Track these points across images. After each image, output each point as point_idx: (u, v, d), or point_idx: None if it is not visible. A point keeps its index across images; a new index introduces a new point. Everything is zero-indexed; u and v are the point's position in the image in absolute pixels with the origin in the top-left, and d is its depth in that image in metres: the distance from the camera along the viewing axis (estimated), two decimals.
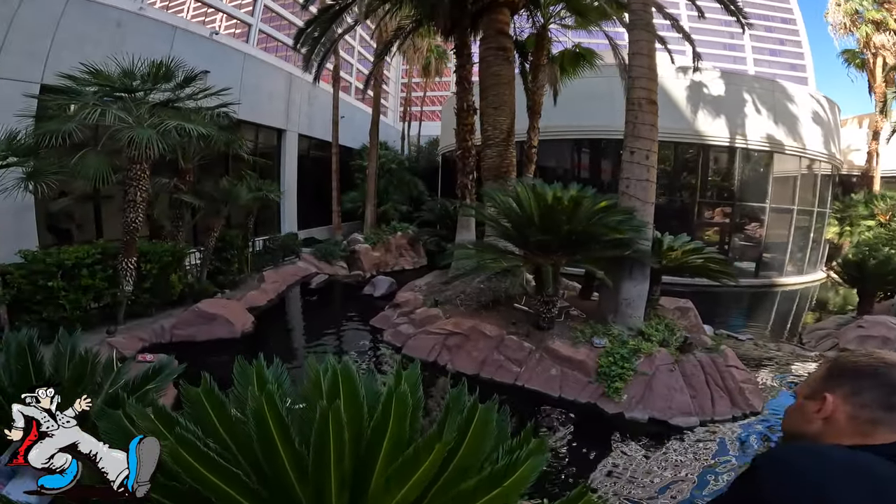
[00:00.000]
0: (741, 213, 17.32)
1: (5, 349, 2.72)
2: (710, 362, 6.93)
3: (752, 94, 16.89)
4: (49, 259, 7.35)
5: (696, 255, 8.12)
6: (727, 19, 12.75)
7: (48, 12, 9.43)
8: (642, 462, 5.41)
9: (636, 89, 7.73)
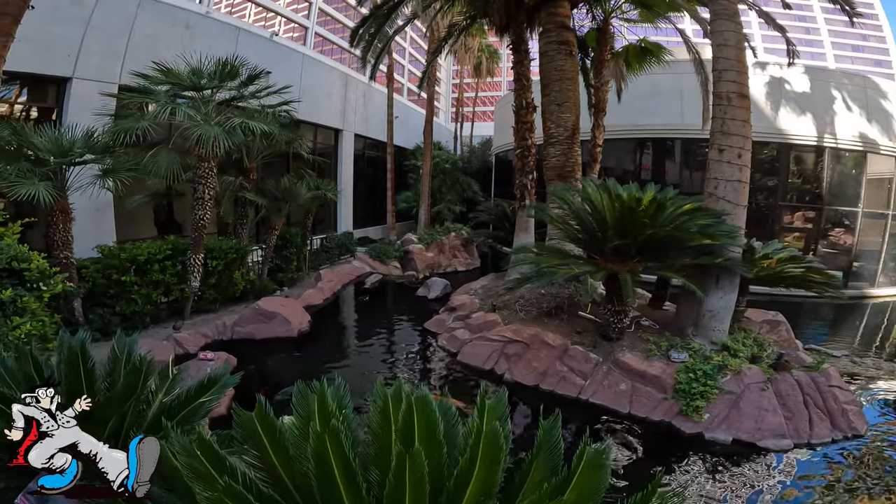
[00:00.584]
0: (829, 217, 15.74)
1: (58, 351, 2.63)
2: (810, 382, 6.21)
3: (842, 91, 15.41)
4: (123, 254, 7.62)
5: (793, 264, 7.27)
6: (803, 14, 11.68)
7: (122, 14, 9.83)
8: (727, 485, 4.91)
9: (724, 83, 7.05)
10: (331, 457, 1.83)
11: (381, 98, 20.06)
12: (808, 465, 5.41)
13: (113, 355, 2.81)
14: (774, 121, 15.03)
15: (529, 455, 2.33)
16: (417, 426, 2.14)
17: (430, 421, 2.16)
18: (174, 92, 7.96)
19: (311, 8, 33.15)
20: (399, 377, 2.58)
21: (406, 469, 1.74)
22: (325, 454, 1.84)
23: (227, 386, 2.89)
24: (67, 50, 8.92)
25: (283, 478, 2.07)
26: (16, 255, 3.88)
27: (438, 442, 2.09)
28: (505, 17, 11.39)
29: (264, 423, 2.16)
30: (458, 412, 2.62)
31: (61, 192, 6.95)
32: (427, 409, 2.20)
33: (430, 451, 2.00)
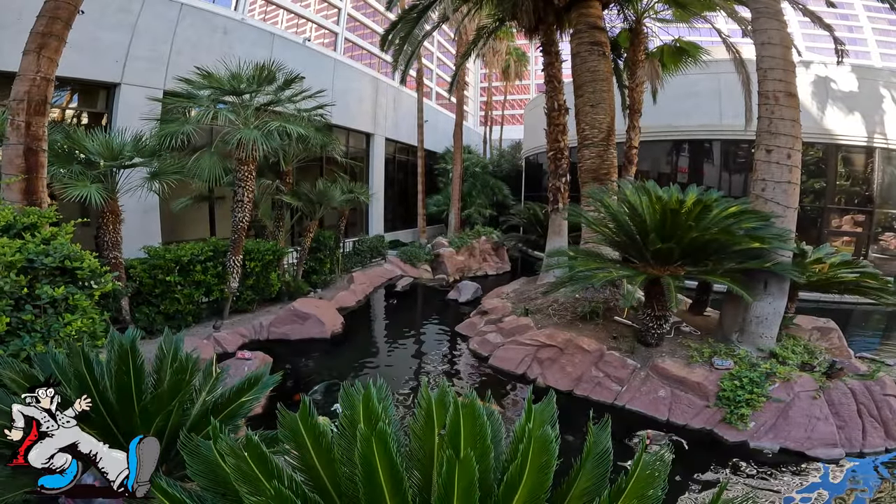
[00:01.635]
0: (880, 221, 14.92)
1: (109, 348, 2.69)
2: (865, 390, 5.90)
3: (891, 90, 14.66)
4: (168, 255, 7.88)
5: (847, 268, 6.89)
6: (845, 13, 11.04)
7: (165, 19, 10.19)
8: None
9: (769, 81, 6.78)
10: (377, 460, 1.81)
11: (410, 102, 20.21)
12: (859, 474, 5.20)
13: (160, 353, 2.88)
14: (821, 121, 14.40)
15: (578, 462, 2.26)
16: (464, 431, 2.10)
17: (478, 428, 2.11)
18: (215, 96, 8.21)
19: (340, 14, 33.82)
20: (443, 381, 2.54)
21: (455, 475, 1.70)
22: (371, 457, 1.82)
23: (268, 386, 2.91)
24: (116, 56, 9.28)
25: (325, 480, 2.06)
26: (69, 254, 4.03)
27: (486, 447, 2.04)
28: (534, 19, 11.28)
29: (308, 424, 2.16)
30: (500, 417, 2.57)
31: (112, 194, 7.24)
32: (475, 414, 2.16)
33: (477, 453, 1.97)
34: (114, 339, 2.68)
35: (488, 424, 2.16)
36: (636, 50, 12.15)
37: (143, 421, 2.41)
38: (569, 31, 11.12)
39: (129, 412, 2.49)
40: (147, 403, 2.54)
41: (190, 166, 7.72)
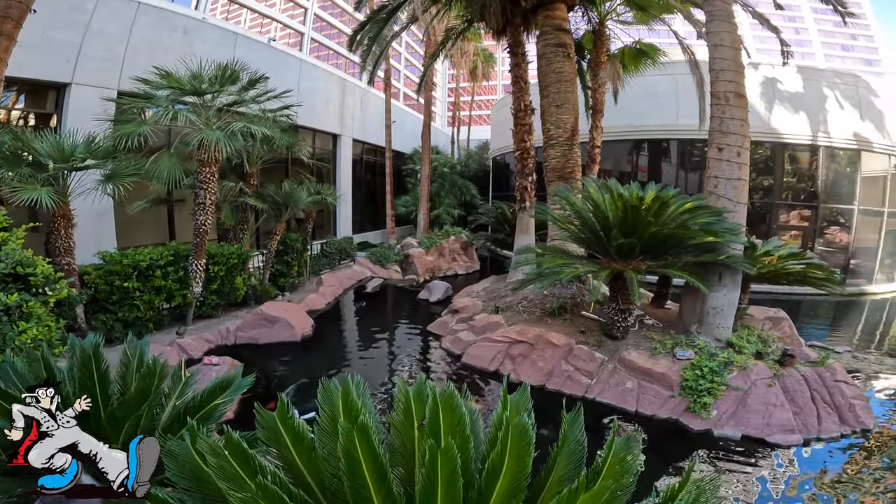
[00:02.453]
0: (825, 215, 15.87)
1: (70, 354, 2.62)
2: (816, 377, 6.26)
3: (834, 90, 15.57)
4: (125, 260, 7.58)
5: (794, 260, 7.32)
6: (792, 15, 11.74)
7: (121, 19, 9.82)
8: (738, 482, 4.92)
9: (721, 82, 7.13)
10: (360, 453, 1.83)
11: (378, 103, 20.11)
12: (817, 459, 5.43)
13: (125, 358, 2.79)
14: (768, 120, 15.17)
15: (554, 448, 2.33)
16: (444, 422, 2.14)
17: (458, 416, 2.15)
18: (175, 97, 7.96)
19: (306, 14, 33.29)
20: (421, 375, 2.58)
21: (438, 464, 1.73)
22: (354, 451, 1.83)
23: (242, 387, 2.88)
24: (66, 55, 8.91)
25: (307, 477, 2.06)
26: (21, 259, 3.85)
27: (466, 437, 2.08)
28: (502, 21, 11.45)
29: (287, 423, 2.15)
30: (475, 407, 2.62)
31: (63, 197, 6.92)
32: (453, 405, 2.19)
33: (459, 446, 2.00)
34: (75, 346, 2.59)
35: (467, 415, 2.20)
36: (599, 51, 12.51)
37: (112, 427, 2.34)
38: (535, 32, 11.31)
39: (96, 419, 2.40)
40: (115, 409, 2.47)
41: (148, 168, 7.45)
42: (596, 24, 12.63)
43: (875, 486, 4.81)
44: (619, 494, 2.01)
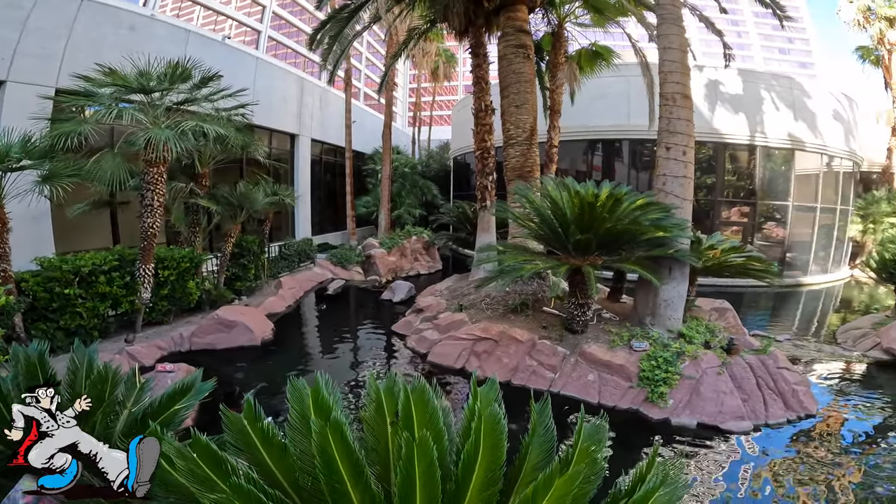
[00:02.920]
0: (762, 212, 16.93)
1: (14, 363, 2.48)
2: (760, 364, 6.62)
3: (771, 92, 16.58)
4: (65, 266, 7.13)
5: (735, 253, 7.77)
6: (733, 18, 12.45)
7: (62, 15, 9.30)
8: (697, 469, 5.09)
9: (669, 83, 7.47)
10: (334, 451, 1.81)
11: (338, 102, 19.82)
12: (767, 444, 5.66)
13: (73, 366, 2.64)
14: (711, 121, 16.00)
15: (525, 438, 2.38)
16: (416, 416, 2.14)
17: (430, 412, 2.16)
18: (119, 94, 7.55)
19: (264, 12, 32.34)
20: (392, 371, 2.57)
21: (415, 457, 1.72)
22: (328, 448, 1.80)
23: (203, 392, 2.77)
24: (1, 53, 8.35)
25: (279, 477, 2.02)
26: None
27: (440, 430, 2.09)
28: (465, 22, 11.54)
29: (255, 423, 2.10)
30: (449, 406, 2.64)
31: None
32: (425, 399, 2.19)
33: (433, 439, 2.00)
34: (18, 354, 2.43)
35: (439, 409, 2.21)
36: (557, 53, 12.83)
37: None
38: (497, 33, 11.48)
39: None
40: None
41: (89, 169, 7.03)
42: (555, 26, 12.96)
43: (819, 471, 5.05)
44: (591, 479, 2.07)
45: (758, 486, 4.79)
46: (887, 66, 21.15)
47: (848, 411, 6.65)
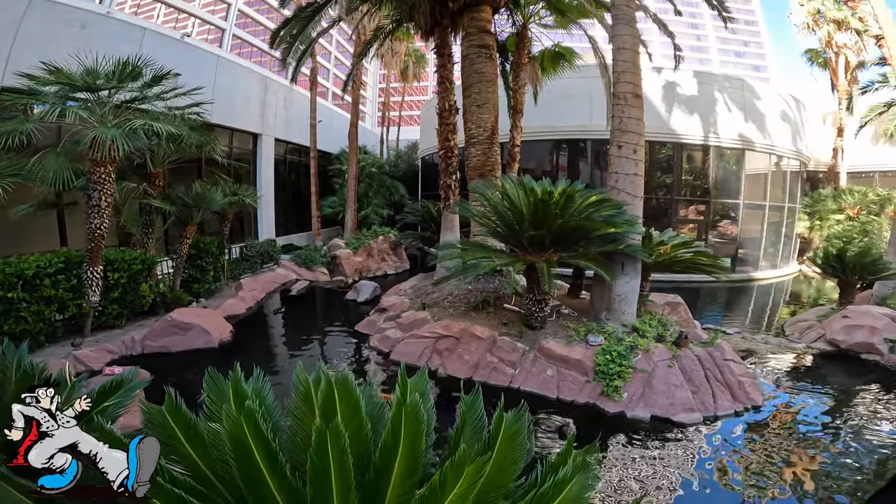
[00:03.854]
0: (716, 210, 17.62)
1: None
2: (708, 356, 6.86)
3: (724, 93, 17.21)
4: (7, 268, 6.81)
5: (685, 249, 8.08)
6: (694, 21, 12.98)
7: (8, 13, 8.99)
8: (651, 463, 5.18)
9: (622, 83, 7.68)
10: (249, 439, 1.81)
11: (303, 102, 19.53)
12: (716, 436, 5.79)
13: (2, 365, 2.54)
14: (668, 122, 16.52)
15: (455, 430, 2.43)
16: (339, 404, 2.15)
17: (352, 400, 2.16)
18: (65, 93, 7.26)
19: (229, 10, 31.52)
20: (319, 363, 2.58)
21: (327, 444, 1.73)
22: (242, 437, 1.81)
23: (134, 389, 2.69)
24: None
25: (203, 468, 2.01)
26: None
27: (361, 418, 2.10)
28: (430, 22, 11.55)
29: (177, 416, 2.08)
30: (384, 402, 2.66)
31: None
32: (347, 389, 2.21)
33: (353, 427, 2.01)
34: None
35: (362, 399, 2.22)
36: (521, 53, 13.01)
37: None
38: (462, 33, 11.57)
39: None
40: None
41: (31, 168, 6.74)
42: (520, 27, 13.13)
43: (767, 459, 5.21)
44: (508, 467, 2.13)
45: (705, 479, 4.88)
46: (834, 68, 22.28)
47: (794, 401, 6.89)
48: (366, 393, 2.52)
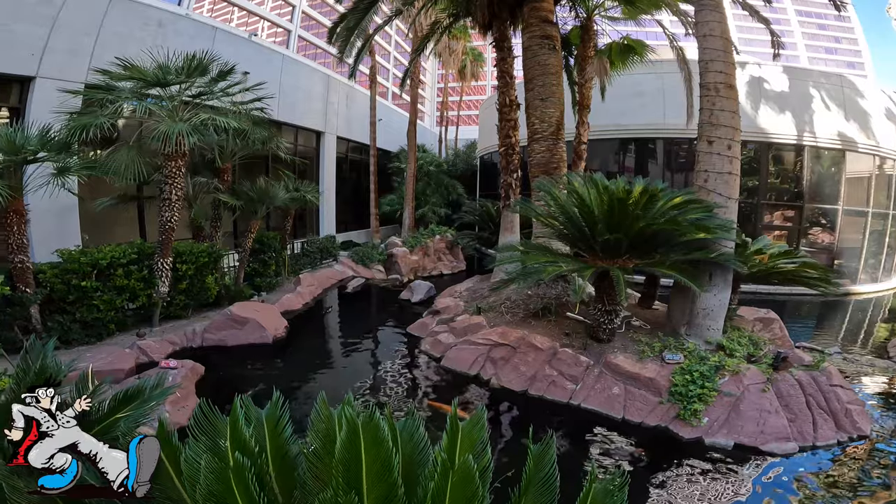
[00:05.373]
0: (809, 216, 15.84)
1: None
2: (811, 381, 5.98)
3: (820, 90, 15.54)
4: (84, 258, 7.13)
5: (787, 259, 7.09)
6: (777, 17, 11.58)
7: (91, 12, 9.43)
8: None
9: (711, 73, 6.90)
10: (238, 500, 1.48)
11: (363, 100, 19.74)
12: (812, 468, 5.18)
13: (24, 365, 2.39)
14: (754, 120, 15.09)
15: (516, 492, 1.96)
16: (366, 459, 1.75)
17: (382, 453, 1.75)
18: (138, 88, 7.52)
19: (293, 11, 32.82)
20: (348, 394, 2.17)
21: None
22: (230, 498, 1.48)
23: (154, 399, 2.44)
24: (31, 49, 8.49)
25: None
26: None
27: (392, 482, 1.70)
28: (488, 15, 11.23)
29: (168, 448, 1.84)
30: (426, 435, 2.22)
31: (15, 191, 6.48)
32: (378, 438, 1.78)
33: (380, 490, 1.63)
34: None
35: (394, 452, 1.78)
36: (586, 46, 12.31)
37: None
38: (521, 26, 11.11)
39: None
40: None
41: (104, 161, 7.00)
42: (583, 19, 12.46)
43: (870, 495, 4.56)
44: None
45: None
46: None
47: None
48: (406, 431, 2.10)
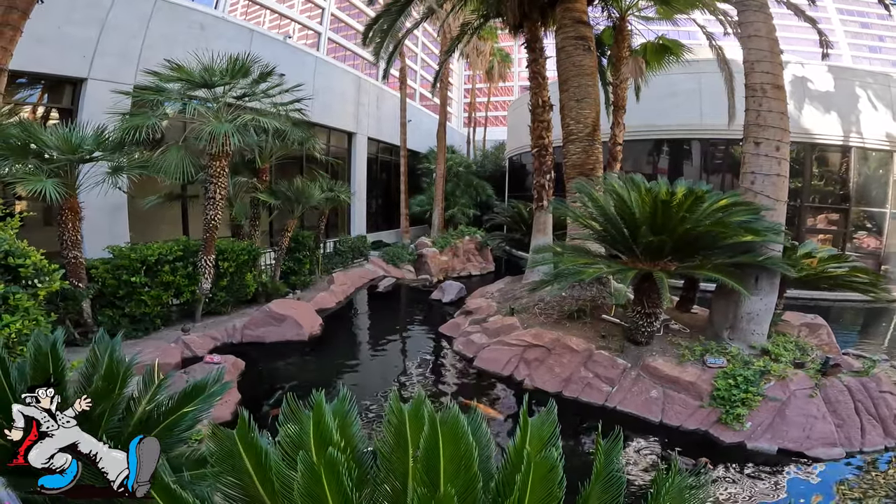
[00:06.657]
0: (855, 219, 15.16)
1: (30, 352, 2.39)
2: (861, 388, 5.81)
3: (867, 90, 14.88)
4: (133, 254, 7.42)
5: (836, 263, 6.82)
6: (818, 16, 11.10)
7: (137, 14, 9.76)
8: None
9: (756, 73, 6.72)
10: (328, 496, 1.50)
11: (393, 102, 19.93)
12: (858, 473, 5.09)
13: (92, 358, 2.49)
14: (798, 120, 14.52)
15: (586, 486, 1.94)
16: (444, 456, 1.74)
17: (463, 449, 1.74)
18: (186, 89, 7.80)
19: (323, 14, 33.39)
20: (420, 390, 2.17)
21: None
22: (321, 493, 1.50)
23: (216, 395, 2.51)
24: (83, 51, 8.86)
25: None
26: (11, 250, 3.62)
27: (472, 476, 1.68)
28: (519, 16, 11.17)
29: (248, 444, 1.81)
30: (489, 431, 2.22)
31: (70, 189, 6.78)
32: (457, 434, 1.78)
33: (461, 490, 1.61)
34: (32, 342, 2.34)
35: (474, 446, 1.78)
36: (620, 47, 12.13)
37: None
38: (552, 27, 11.03)
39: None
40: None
41: (156, 161, 7.28)
42: (616, 20, 12.29)
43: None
44: None
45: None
46: None
47: None
48: (472, 427, 2.05)
